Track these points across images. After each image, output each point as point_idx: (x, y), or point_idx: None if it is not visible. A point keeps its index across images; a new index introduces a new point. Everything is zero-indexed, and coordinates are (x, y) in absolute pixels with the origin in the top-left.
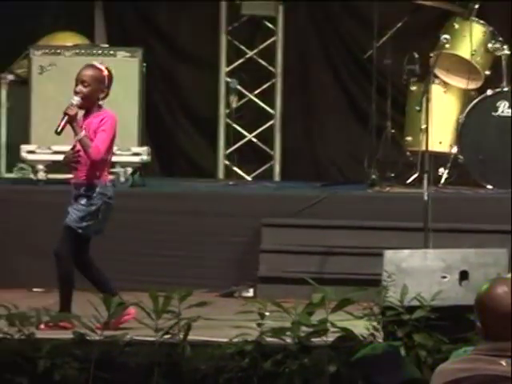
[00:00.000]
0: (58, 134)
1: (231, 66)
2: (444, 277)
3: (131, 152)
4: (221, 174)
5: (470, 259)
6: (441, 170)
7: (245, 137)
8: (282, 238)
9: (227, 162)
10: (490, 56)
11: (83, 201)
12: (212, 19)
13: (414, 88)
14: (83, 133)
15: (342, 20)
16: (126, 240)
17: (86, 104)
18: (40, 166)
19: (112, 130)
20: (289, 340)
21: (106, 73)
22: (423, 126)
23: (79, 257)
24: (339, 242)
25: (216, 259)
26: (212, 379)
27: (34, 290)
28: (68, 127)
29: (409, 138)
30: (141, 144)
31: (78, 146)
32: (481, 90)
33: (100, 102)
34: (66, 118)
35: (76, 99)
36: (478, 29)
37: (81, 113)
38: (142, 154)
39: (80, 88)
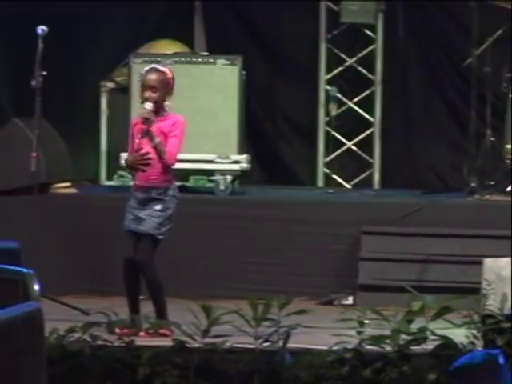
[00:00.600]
0: (142, 137)
1: (331, 74)
2: None
3: (231, 160)
4: (320, 181)
5: None
6: None
7: (344, 144)
8: (381, 246)
9: (327, 170)
10: None
11: (158, 206)
12: (312, 27)
13: None
14: (158, 139)
15: (442, 28)
16: (224, 247)
17: (155, 109)
18: None
19: (182, 135)
20: (388, 348)
21: (170, 75)
22: None
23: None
24: (439, 249)
25: (315, 267)
26: None
27: None
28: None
29: (509, 146)
30: (240, 152)
31: (146, 149)
32: None
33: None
34: (147, 123)
35: (149, 105)
36: None
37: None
38: (242, 161)
39: (150, 94)
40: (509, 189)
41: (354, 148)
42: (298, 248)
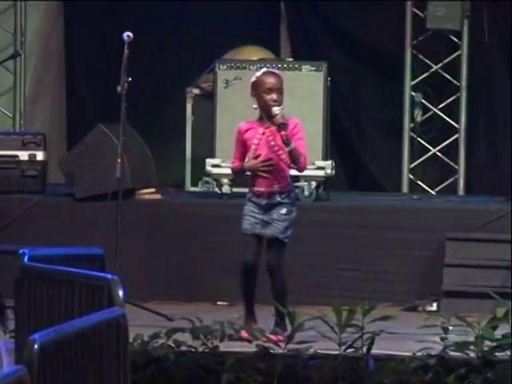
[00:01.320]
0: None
1: (416, 80)
2: None
3: (315, 166)
4: (405, 187)
5: None
6: None
7: (429, 151)
8: (466, 252)
9: (411, 176)
10: None
11: (283, 210)
12: (397, 33)
13: None
14: (293, 143)
15: None
16: (309, 253)
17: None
18: (225, 180)
19: (305, 135)
20: (472, 354)
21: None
22: None
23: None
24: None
25: (400, 273)
26: None
27: (219, 303)
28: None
29: None
30: (325, 158)
31: (269, 155)
32: None
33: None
34: (283, 128)
35: (278, 109)
36: None
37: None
38: (326, 167)
39: (278, 96)
40: None
41: (438, 154)
42: (383, 254)
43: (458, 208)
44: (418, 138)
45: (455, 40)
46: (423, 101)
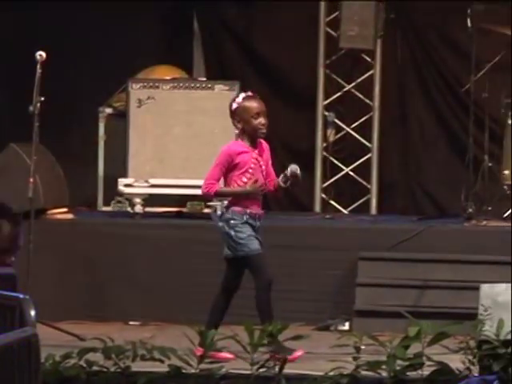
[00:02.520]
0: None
1: (329, 100)
2: None
3: None
4: (317, 207)
5: None
6: None
7: (342, 170)
8: (378, 272)
9: (324, 196)
10: None
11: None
12: (310, 53)
13: (510, 121)
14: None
15: (440, 53)
16: (222, 273)
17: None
18: (137, 200)
19: None
20: (384, 374)
21: None
22: None
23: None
24: (435, 275)
25: (312, 292)
26: None
27: (130, 323)
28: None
29: (506, 172)
30: None
31: (262, 179)
32: None
33: None
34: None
35: (295, 167)
36: None
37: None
38: None
39: (265, 119)
40: (506, 214)
41: (351, 173)
42: (295, 273)
43: (370, 228)
44: (331, 158)
45: (368, 59)
46: (336, 120)
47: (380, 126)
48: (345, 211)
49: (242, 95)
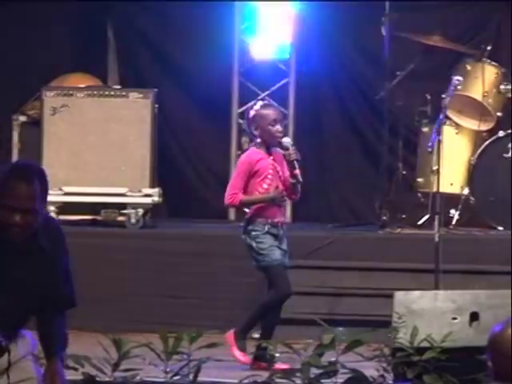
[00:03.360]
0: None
1: (243, 108)
2: (454, 318)
3: (142, 193)
4: (232, 215)
5: (480, 300)
6: (452, 211)
7: None
8: (292, 279)
9: None
10: (502, 97)
11: (285, 240)
12: (225, 61)
13: (425, 129)
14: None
15: (354, 61)
16: (136, 281)
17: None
18: (51, 208)
19: None
20: (298, 381)
21: None
22: (434, 168)
23: None
24: (350, 283)
25: (226, 300)
26: None
27: None
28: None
29: (420, 180)
30: (152, 185)
31: (283, 181)
32: (493, 132)
33: None
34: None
35: (289, 141)
36: (490, 70)
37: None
38: (154, 195)
39: (282, 127)
40: (420, 222)
41: None
42: (209, 281)
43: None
44: None
45: (282, 67)
46: None
47: (295, 133)
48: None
49: (260, 103)
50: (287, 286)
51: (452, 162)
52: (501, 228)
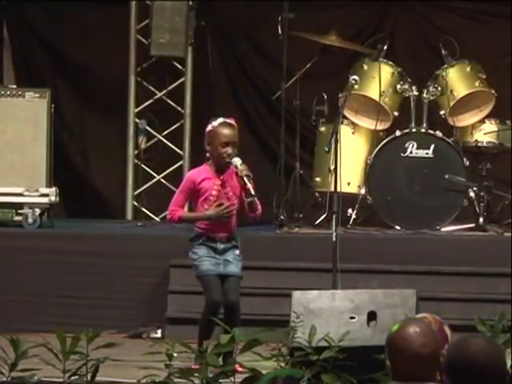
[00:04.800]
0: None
1: (140, 107)
2: (352, 317)
3: (39, 193)
4: (129, 214)
5: (377, 300)
6: (349, 210)
7: (154, 177)
8: (190, 279)
9: (136, 203)
10: (398, 97)
11: (237, 251)
12: (121, 60)
13: (322, 129)
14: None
15: (251, 61)
16: (34, 281)
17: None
18: None
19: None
20: (197, 381)
21: None
22: (332, 167)
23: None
24: (248, 282)
25: (124, 300)
26: None
27: None
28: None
29: (317, 179)
30: (49, 185)
31: (232, 201)
32: (390, 131)
33: None
34: (248, 180)
35: (238, 160)
36: (386, 70)
37: None
38: (50, 194)
39: (233, 150)
40: (318, 221)
41: (162, 181)
42: (107, 281)
43: (181, 235)
44: (143, 165)
45: (179, 67)
46: (147, 128)
47: (191, 133)
48: (157, 218)
49: (220, 120)
50: (214, 295)
51: (349, 162)
52: (398, 227)
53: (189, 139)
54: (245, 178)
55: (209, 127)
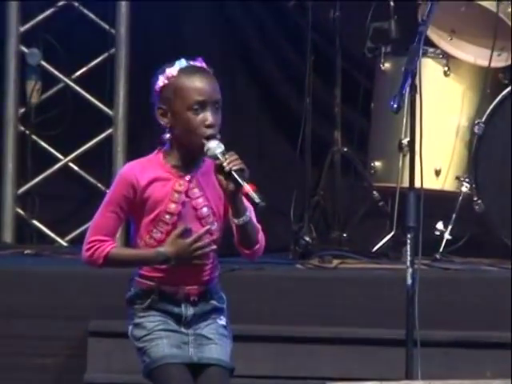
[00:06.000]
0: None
1: (30, 23)
2: None
3: None
4: (8, 233)
5: None
6: (439, 225)
7: (56, 161)
8: (126, 360)
9: (20, 211)
10: None
11: (223, 319)
12: None
13: (386, 65)
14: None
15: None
16: None
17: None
18: None
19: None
20: None
21: None
22: (405, 140)
23: None
24: (245, 369)
25: None
26: None
27: None
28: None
29: (377, 164)
30: None
31: (209, 224)
32: None
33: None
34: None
35: (219, 144)
36: None
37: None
38: None
39: (215, 117)
40: (377, 247)
41: (74, 167)
42: None
43: (115, 279)
44: (34, 136)
45: None
46: (45, 64)
47: (128, 76)
48: (62, 241)
49: (183, 64)
50: None
51: (439, 131)
52: None
53: (124, 88)
54: (235, 175)
55: (160, 79)
